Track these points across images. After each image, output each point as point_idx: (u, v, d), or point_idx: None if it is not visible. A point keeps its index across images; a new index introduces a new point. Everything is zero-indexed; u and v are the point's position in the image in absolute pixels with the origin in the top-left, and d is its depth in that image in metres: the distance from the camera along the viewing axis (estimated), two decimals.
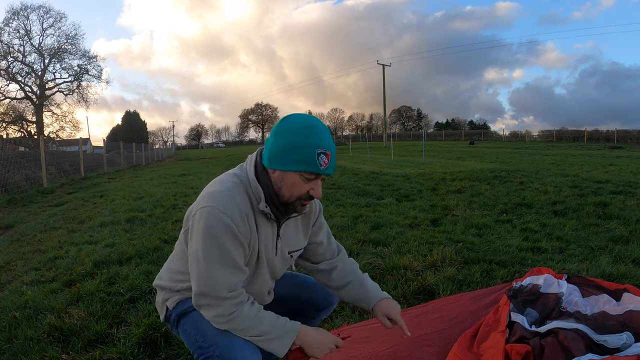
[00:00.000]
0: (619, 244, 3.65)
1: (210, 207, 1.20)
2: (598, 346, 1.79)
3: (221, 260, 1.22)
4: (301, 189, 1.23)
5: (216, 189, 1.26)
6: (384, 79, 41.55)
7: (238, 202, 1.24)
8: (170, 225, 5.05)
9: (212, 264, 1.21)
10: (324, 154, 1.19)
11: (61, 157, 15.06)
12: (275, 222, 1.34)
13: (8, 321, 2.44)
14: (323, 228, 1.55)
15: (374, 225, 4.68)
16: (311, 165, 1.19)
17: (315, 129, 1.20)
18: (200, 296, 1.24)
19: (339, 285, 1.57)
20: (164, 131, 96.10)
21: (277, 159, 1.22)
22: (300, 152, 1.18)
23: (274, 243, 1.36)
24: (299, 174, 1.21)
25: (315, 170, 1.19)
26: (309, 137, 1.18)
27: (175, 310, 1.39)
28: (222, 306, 1.23)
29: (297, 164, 1.19)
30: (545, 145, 34.47)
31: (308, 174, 1.20)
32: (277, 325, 1.28)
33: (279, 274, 1.48)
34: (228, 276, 1.23)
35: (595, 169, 10.57)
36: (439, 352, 1.99)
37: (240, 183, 1.28)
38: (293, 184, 1.23)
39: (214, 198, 1.23)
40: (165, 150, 48.02)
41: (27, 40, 33.95)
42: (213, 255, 1.20)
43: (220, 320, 1.25)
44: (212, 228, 1.19)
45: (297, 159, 1.19)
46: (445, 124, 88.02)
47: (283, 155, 1.20)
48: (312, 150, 1.18)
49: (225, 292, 1.23)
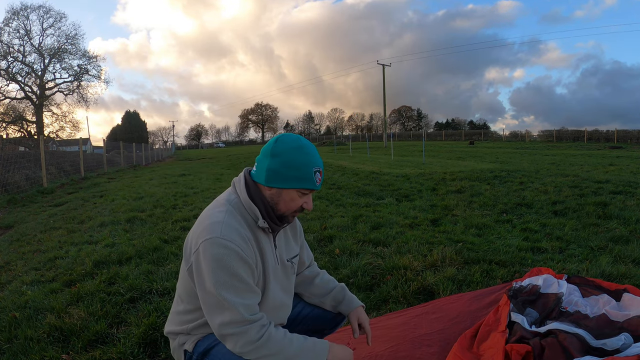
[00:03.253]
0: (619, 244, 3.65)
1: (212, 238, 1.24)
2: (597, 350, 1.79)
3: (235, 285, 1.23)
4: (297, 203, 1.35)
5: (212, 220, 1.29)
6: (384, 79, 41.58)
7: (237, 228, 1.29)
8: (170, 225, 5.05)
9: (227, 291, 1.22)
10: (319, 172, 1.33)
11: (61, 157, 15.06)
12: (271, 234, 1.42)
13: (8, 321, 2.44)
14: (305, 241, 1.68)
15: (374, 225, 4.68)
16: (309, 183, 1.31)
17: (308, 149, 1.32)
18: (223, 326, 1.23)
19: (324, 291, 1.64)
20: (164, 131, 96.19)
21: (276, 178, 1.31)
22: (299, 171, 1.29)
23: (273, 253, 1.42)
24: (297, 191, 1.32)
25: (312, 187, 1.32)
26: (305, 156, 1.30)
27: (195, 351, 1.37)
28: (248, 331, 1.22)
29: (297, 181, 1.30)
30: (545, 145, 34.47)
31: (306, 190, 1.33)
32: (307, 347, 1.29)
33: (286, 284, 1.49)
34: (245, 300, 1.24)
35: (595, 169, 10.57)
36: (439, 352, 1.99)
37: (233, 209, 1.33)
38: (291, 199, 1.33)
39: (213, 229, 1.26)
40: (165, 150, 47.97)
41: (27, 40, 33.99)
42: (226, 282, 1.22)
43: (248, 348, 1.23)
44: (219, 256, 1.22)
45: (296, 177, 1.30)
46: (445, 124, 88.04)
47: (282, 174, 1.30)
48: (309, 169, 1.30)
49: (247, 314, 1.23)
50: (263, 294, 1.37)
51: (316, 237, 4.18)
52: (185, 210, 5.95)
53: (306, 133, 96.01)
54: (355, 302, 1.63)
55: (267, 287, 1.38)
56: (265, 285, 1.38)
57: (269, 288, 1.39)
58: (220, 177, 11.91)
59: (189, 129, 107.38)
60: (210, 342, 1.34)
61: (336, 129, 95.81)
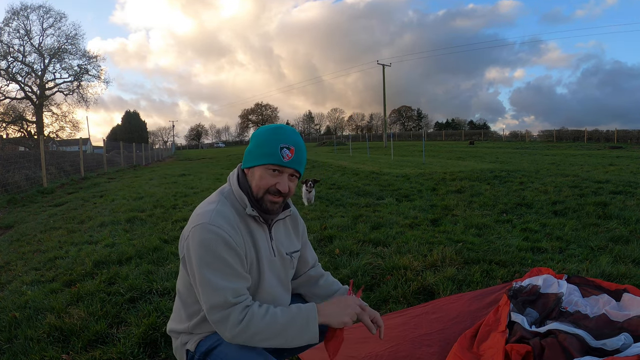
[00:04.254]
0: (619, 244, 3.65)
1: (201, 224, 1.27)
2: (597, 350, 1.79)
3: (221, 269, 1.24)
4: (266, 182, 1.33)
5: (203, 209, 1.33)
6: (384, 79, 41.56)
7: (226, 215, 1.31)
8: (170, 225, 5.05)
9: (213, 274, 1.23)
10: (287, 149, 1.31)
11: (61, 157, 15.05)
12: (266, 225, 1.42)
13: (8, 321, 2.44)
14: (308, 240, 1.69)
15: (374, 225, 4.68)
16: (273, 157, 1.30)
17: (281, 129, 1.34)
18: (211, 310, 1.24)
19: (328, 293, 1.62)
20: (164, 131, 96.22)
21: (248, 158, 1.37)
22: (265, 147, 1.31)
23: (269, 245, 1.42)
24: (264, 167, 1.32)
25: (277, 162, 1.30)
26: (273, 135, 1.33)
27: (197, 350, 1.36)
28: (232, 314, 1.23)
29: (262, 157, 1.32)
30: (545, 145, 34.47)
31: (272, 166, 1.31)
32: (294, 314, 1.27)
33: (284, 277, 1.48)
34: (230, 283, 1.25)
35: (595, 169, 10.58)
36: (439, 352, 1.99)
37: (225, 198, 1.37)
38: (260, 177, 1.33)
39: (203, 216, 1.29)
40: (165, 150, 47.96)
41: (27, 40, 33.97)
42: (212, 266, 1.24)
43: (237, 330, 1.23)
44: (206, 241, 1.24)
45: (262, 153, 1.32)
46: (445, 124, 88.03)
47: (251, 153, 1.35)
48: (275, 145, 1.31)
49: (231, 297, 1.23)
50: (258, 285, 1.38)
51: (316, 237, 4.18)
52: (185, 210, 5.94)
53: (306, 133, 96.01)
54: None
55: (261, 277, 1.38)
56: (260, 276, 1.38)
57: (263, 279, 1.38)
58: (220, 177, 11.90)
59: (189, 129, 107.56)
60: (212, 342, 1.34)
61: (336, 129, 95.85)
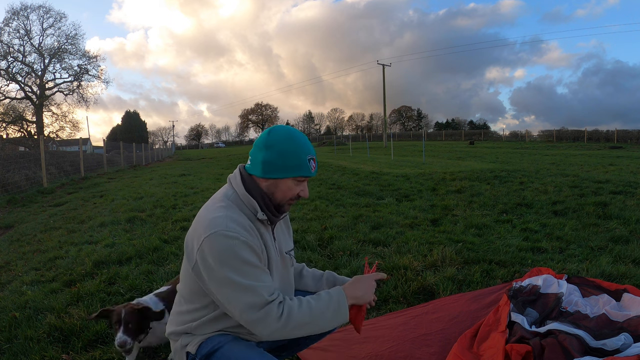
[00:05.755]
0: (619, 244, 3.65)
1: (216, 232, 1.23)
2: (597, 350, 1.79)
3: (250, 271, 1.24)
4: (293, 191, 1.37)
5: (213, 216, 1.29)
6: (384, 79, 41.55)
7: (239, 220, 1.30)
8: (170, 225, 5.05)
9: (243, 277, 1.22)
10: (312, 159, 1.36)
11: (61, 157, 15.05)
12: (270, 226, 1.42)
13: (8, 321, 2.44)
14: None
15: (374, 225, 4.68)
16: (304, 170, 1.34)
17: (302, 139, 1.36)
18: (248, 312, 1.23)
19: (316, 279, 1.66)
20: (164, 131, 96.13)
21: (273, 169, 1.33)
22: (293, 160, 1.32)
23: (273, 245, 1.42)
24: (293, 179, 1.35)
25: (307, 174, 1.35)
26: (297, 146, 1.34)
27: (199, 353, 1.34)
28: (270, 312, 1.23)
29: (293, 170, 1.33)
30: (545, 145, 34.47)
31: (302, 177, 1.35)
32: (325, 300, 1.32)
33: (285, 276, 1.49)
34: (262, 282, 1.25)
35: (595, 169, 10.58)
36: (439, 352, 1.99)
37: (232, 203, 1.34)
38: (288, 188, 1.36)
39: (216, 224, 1.25)
40: (165, 150, 47.89)
41: (27, 40, 33.92)
42: (240, 269, 1.23)
43: (279, 325, 1.23)
44: (228, 248, 1.22)
45: (292, 166, 1.33)
46: (445, 124, 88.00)
47: (278, 165, 1.33)
48: (302, 157, 1.34)
49: (267, 295, 1.24)
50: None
51: (316, 237, 4.18)
52: (185, 210, 5.94)
53: (306, 133, 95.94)
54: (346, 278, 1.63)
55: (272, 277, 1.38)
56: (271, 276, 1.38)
57: (273, 278, 1.39)
58: (220, 177, 11.90)
59: (189, 129, 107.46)
60: (214, 344, 1.32)
61: (336, 129, 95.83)
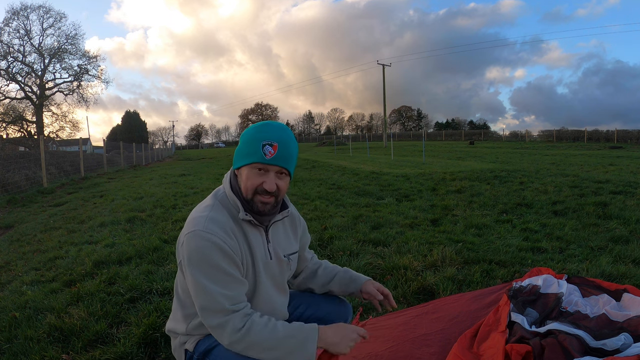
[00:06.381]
0: (619, 244, 3.65)
1: (194, 231, 1.26)
2: (597, 350, 1.79)
3: (217, 276, 1.24)
4: (253, 182, 1.31)
5: (197, 214, 1.33)
6: (384, 79, 41.57)
7: (219, 220, 1.30)
8: (170, 225, 5.04)
9: (209, 281, 1.23)
10: (270, 145, 1.27)
11: (61, 157, 15.05)
12: (263, 228, 1.40)
13: (8, 321, 2.44)
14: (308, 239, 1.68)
15: (374, 225, 4.68)
16: (256, 156, 1.28)
17: (265, 126, 1.31)
18: (207, 316, 1.24)
19: (327, 279, 1.64)
20: (164, 131, 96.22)
21: (236, 159, 1.35)
22: (250, 146, 1.29)
23: (265, 248, 1.40)
24: (250, 167, 1.30)
25: (259, 160, 1.27)
26: (257, 132, 1.30)
27: (196, 350, 1.36)
28: (231, 320, 1.23)
29: (247, 157, 1.30)
30: (545, 145, 34.46)
31: (256, 164, 1.29)
32: (294, 330, 1.26)
33: (280, 279, 1.47)
34: (227, 290, 1.25)
35: (595, 169, 10.58)
36: (439, 352, 1.99)
37: (218, 202, 1.36)
38: (247, 177, 1.31)
39: (196, 222, 1.29)
40: (165, 150, 47.89)
41: (27, 40, 33.95)
42: (208, 273, 1.23)
43: (235, 337, 1.22)
44: (200, 248, 1.24)
45: (247, 153, 1.30)
46: (445, 124, 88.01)
47: (237, 154, 1.34)
48: (257, 143, 1.28)
49: (228, 304, 1.23)
50: (255, 288, 1.37)
51: (316, 237, 4.18)
52: (185, 210, 5.94)
53: (306, 133, 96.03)
54: (363, 278, 1.62)
55: (257, 280, 1.37)
56: (256, 279, 1.37)
57: (260, 282, 1.38)
58: (220, 177, 11.90)
59: (189, 129, 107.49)
60: (211, 341, 1.34)
61: (336, 129, 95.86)
